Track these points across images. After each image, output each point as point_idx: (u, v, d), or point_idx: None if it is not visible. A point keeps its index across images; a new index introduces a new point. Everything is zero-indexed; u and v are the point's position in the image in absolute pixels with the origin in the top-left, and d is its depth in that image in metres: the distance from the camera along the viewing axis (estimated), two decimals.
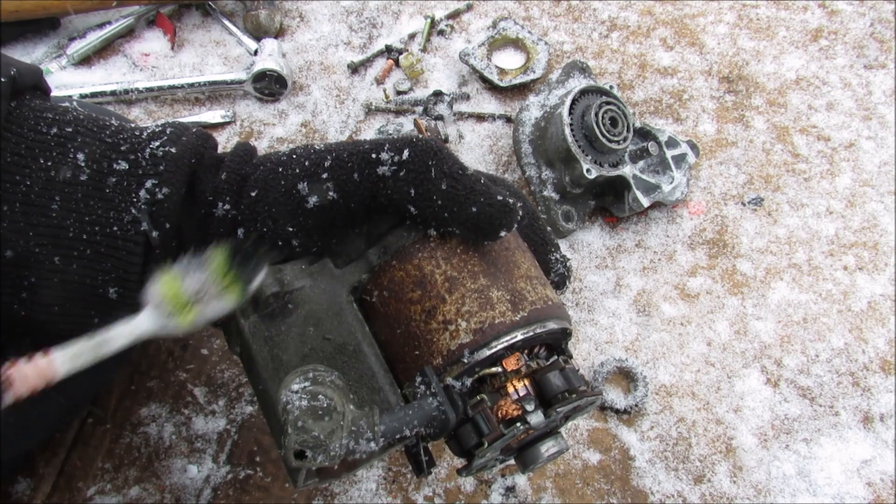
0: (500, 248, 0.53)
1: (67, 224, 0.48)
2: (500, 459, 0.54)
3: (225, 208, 0.51)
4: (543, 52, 1.00)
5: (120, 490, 0.72)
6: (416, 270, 0.51)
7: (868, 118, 1.02)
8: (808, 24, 1.10)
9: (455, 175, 0.49)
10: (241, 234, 0.50)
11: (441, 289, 0.50)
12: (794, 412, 0.82)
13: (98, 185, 0.49)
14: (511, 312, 0.50)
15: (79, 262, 0.48)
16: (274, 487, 0.73)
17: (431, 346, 0.49)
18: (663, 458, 0.78)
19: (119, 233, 0.49)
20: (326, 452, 0.42)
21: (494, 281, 0.51)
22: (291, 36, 1.04)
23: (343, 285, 0.52)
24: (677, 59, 1.05)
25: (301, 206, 0.49)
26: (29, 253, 0.47)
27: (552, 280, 0.59)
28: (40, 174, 0.48)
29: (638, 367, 0.81)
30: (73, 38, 0.99)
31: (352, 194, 0.49)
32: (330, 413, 0.43)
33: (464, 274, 0.50)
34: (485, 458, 0.50)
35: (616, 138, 0.86)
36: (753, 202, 0.95)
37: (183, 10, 1.05)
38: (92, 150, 0.50)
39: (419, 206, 0.49)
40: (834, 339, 0.86)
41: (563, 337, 0.54)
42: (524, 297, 0.51)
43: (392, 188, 0.48)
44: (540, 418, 0.48)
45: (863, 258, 0.92)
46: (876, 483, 0.78)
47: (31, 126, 0.49)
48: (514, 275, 0.52)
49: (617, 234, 0.92)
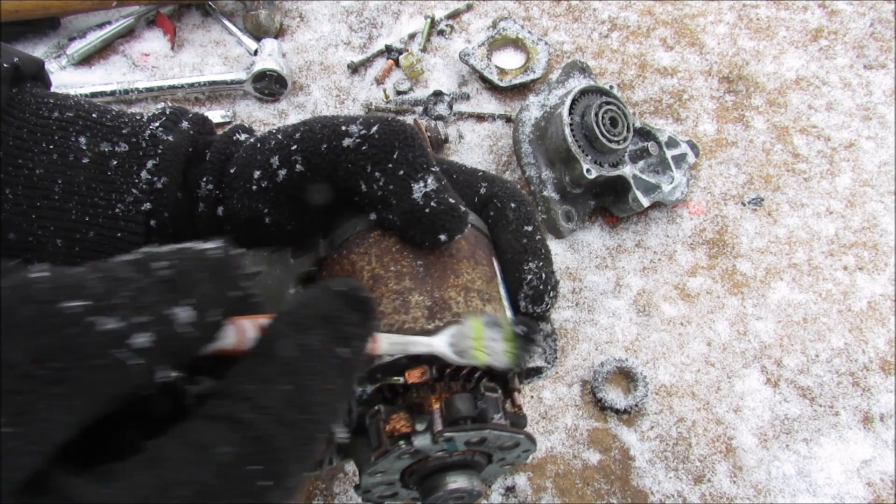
0: (442, 253, 0.49)
1: (69, 206, 0.48)
2: (405, 486, 0.50)
3: (209, 188, 0.51)
4: (543, 52, 1.00)
5: None
6: (349, 265, 0.49)
7: (868, 118, 1.02)
8: (808, 24, 1.10)
9: (416, 165, 0.47)
10: (220, 212, 0.51)
11: (364, 286, 0.47)
12: (794, 412, 0.82)
13: (100, 168, 0.49)
14: (424, 320, 0.46)
15: (81, 244, 0.49)
16: None
17: None
18: (663, 458, 0.78)
19: (121, 214, 0.49)
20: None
21: (419, 285, 0.47)
22: (291, 36, 1.04)
23: (292, 275, 0.51)
24: (677, 59, 1.05)
25: (272, 181, 0.49)
26: (31, 236, 0.48)
27: (524, 293, 0.53)
28: (42, 157, 0.48)
29: (638, 367, 0.81)
30: (73, 38, 0.99)
31: (317, 167, 0.48)
32: None
33: (389, 273, 0.47)
34: (377, 479, 0.48)
35: (616, 138, 0.86)
36: (753, 202, 0.95)
37: (183, 10, 1.04)
38: (93, 134, 0.50)
39: (368, 184, 0.47)
40: (834, 339, 0.86)
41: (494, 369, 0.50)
42: (447, 307, 0.47)
43: (352, 160, 0.47)
44: (427, 441, 0.44)
45: (863, 258, 0.92)
46: (876, 483, 0.78)
47: (32, 111, 0.50)
48: (447, 283, 0.48)
49: (617, 234, 0.92)
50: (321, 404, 0.33)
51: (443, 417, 0.45)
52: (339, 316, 0.36)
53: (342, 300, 0.36)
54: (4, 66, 0.49)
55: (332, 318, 0.35)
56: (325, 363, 0.34)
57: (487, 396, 0.47)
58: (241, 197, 0.50)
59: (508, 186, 0.56)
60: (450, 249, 0.50)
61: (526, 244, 0.54)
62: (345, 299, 0.36)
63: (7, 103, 0.49)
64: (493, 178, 0.56)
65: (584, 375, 0.82)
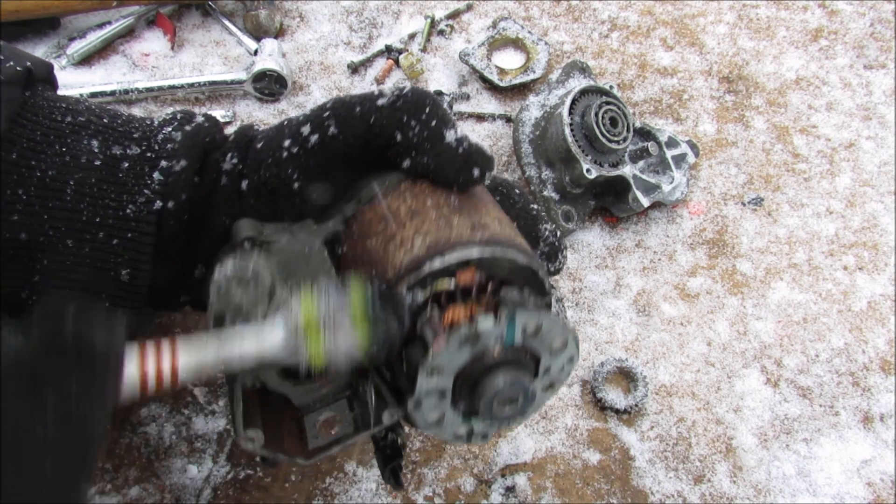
0: (470, 196, 0.52)
1: (81, 208, 0.49)
2: (457, 408, 0.48)
3: (233, 161, 0.53)
4: (543, 52, 1.00)
5: (120, 490, 0.72)
6: (384, 209, 0.51)
7: (868, 118, 1.02)
8: (808, 24, 1.10)
9: (446, 119, 0.51)
10: (244, 185, 0.52)
11: (404, 218, 0.50)
12: (794, 412, 0.82)
13: (112, 170, 0.50)
14: (470, 233, 0.48)
15: (91, 245, 0.49)
16: (274, 487, 0.73)
17: (387, 265, 0.47)
18: (663, 458, 0.78)
19: (132, 214, 0.50)
20: (247, 321, 0.41)
21: (458, 212, 0.50)
22: (291, 36, 1.04)
23: (318, 236, 0.52)
24: (677, 59, 1.05)
25: (303, 147, 0.51)
26: (43, 237, 0.48)
27: (542, 250, 0.59)
28: (55, 159, 0.49)
29: (638, 367, 0.81)
30: (73, 38, 0.99)
31: (350, 126, 0.51)
32: (256, 281, 0.42)
33: (428, 206, 0.50)
34: (433, 383, 0.45)
35: (616, 138, 0.86)
36: (753, 202, 0.95)
37: (183, 10, 1.05)
38: (105, 138, 0.51)
39: (404, 132, 0.51)
40: (834, 339, 0.86)
41: (534, 284, 0.50)
42: (487, 226, 0.49)
43: (386, 115, 0.51)
44: (489, 323, 0.44)
45: (863, 258, 0.92)
46: (876, 483, 0.78)
47: (45, 114, 0.50)
48: (481, 213, 0.51)
49: (617, 234, 0.92)
50: None
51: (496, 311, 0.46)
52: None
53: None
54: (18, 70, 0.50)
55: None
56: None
57: (533, 298, 0.48)
58: (269, 166, 0.52)
59: (511, 180, 0.61)
60: (477, 194, 0.53)
61: (536, 214, 0.60)
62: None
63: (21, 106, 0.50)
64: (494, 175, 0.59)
65: (584, 375, 0.82)
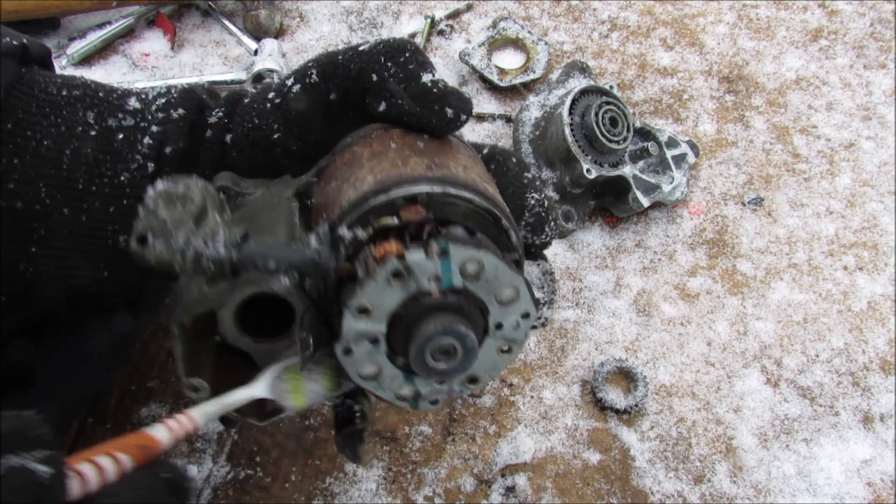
0: (443, 143, 0.50)
1: (77, 177, 0.49)
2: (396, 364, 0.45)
3: (219, 115, 0.53)
4: (543, 52, 1.00)
5: None
6: (349, 155, 0.49)
7: (868, 118, 1.02)
8: (808, 24, 1.10)
9: (425, 63, 0.50)
10: (228, 139, 0.52)
11: (364, 160, 0.48)
12: (794, 412, 0.82)
13: (107, 141, 0.50)
14: (423, 170, 0.45)
15: (87, 213, 0.50)
16: (274, 487, 0.73)
17: (335, 204, 0.46)
18: (663, 458, 0.78)
19: (126, 181, 0.50)
20: (167, 240, 0.39)
21: (420, 154, 0.47)
22: (291, 36, 1.04)
23: (289, 188, 0.51)
24: (677, 59, 1.05)
25: (286, 97, 0.51)
26: (39, 205, 0.49)
27: (526, 220, 0.54)
28: (51, 130, 0.49)
29: (638, 367, 0.81)
30: (73, 38, 0.99)
31: (331, 75, 0.51)
32: (184, 201, 0.40)
33: (391, 150, 0.48)
34: (362, 325, 0.42)
35: (616, 138, 0.86)
36: (753, 202, 0.95)
37: (183, 10, 1.04)
38: (101, 110, 0.51)
39: (380, 73, 0.49)
40: (834, 339, 0.86)
41: (497, 233, 0.46)
42: (446, 166, 0.46)
43: (366, 58, 0.50)
44: (419, 255, 0.40)
45: (863, 258, 0.92)
46: (876, 483, 0.78)
47: (41, 88, 0.51)
48: (447, 156, 0.48)
49: (617, 234, 0.92)
50: None
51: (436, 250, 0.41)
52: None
53: (164, 485, 0.39)
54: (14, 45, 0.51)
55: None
56: None
57: (483, 238, 0.44)
58: (251, 118, 0.51)
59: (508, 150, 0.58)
60: (450, 142, 0.51)
61: (527, 182, 0.56)
62: (166, 484, 0.39)
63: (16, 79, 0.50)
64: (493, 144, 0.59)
65: (584, 375, 0.82)
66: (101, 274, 0.50)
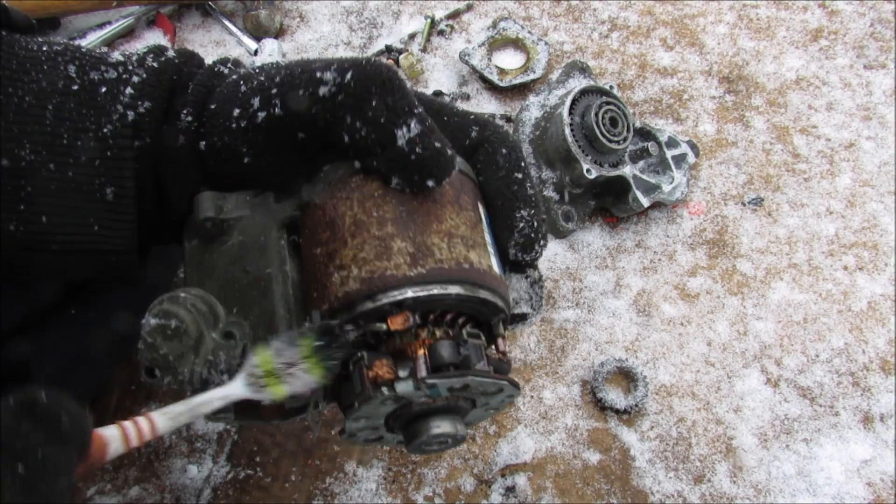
0: (426, 198, 0.48)
1: (61, 132, 0.49)
2: (390, 430, 0.50)
3: (188, 119, 0.51)
4: (543, 52, 1.00)
5: (120, 490, 0.72)
6: (332, 210, 0.48)
7: (868, 118, 1.02)
8: (808, 24, 1.10)
9: (397, 110, 0.45)
10: (202, 146, 0.50)
11: (346, 232, 0.47)
12: (794, 412, 0.82)
13: (90, 94, 0.50)
14: (407, 267, 0.45)
15: (74, 168, 0.49)
16: (274, 487, 0.73)
17: (325, 291, 0.46)
18: (663, 458, 0.78)
19: (109, 133, 0.49)
20: (174, 375, 0.43)
21: (401, 231, 0.46)
22: (291, 36, 1.04)
23: (274, 220, 0.50)
24: (677, 59, 1.05)
25: (252, 122, 0.48)
26: (24, 162, 0.48)
27: (515, 241, 0.53)
28: (32, 86, 0.49)
29: (638, 367, 0.81)
30: (73, 38, 0.99)
31: (295, 113, 0.47)
32: (179, 336, 0.43)
33: (372, 219, 0.47)
34: (361, 424, 0.48)
35: (616, 138, 0.86)
36: (753, 202, 0.95)
37: (183, 10, 1.05)
38: (82, 63, 0.51)
39: (350, 135, 0.46)
40: (834, 339, 0.86)
41: (485, 308, 0.48)
42: (430, 253, 0.46)
43: (330, 111, 0.46)
44: (408, 387, 0.44)
45: (863, 258, 0.92)
46: (876, 483, 0.78)
47: (21, 45, 0.50)
48: (429, 229, 0.47)
49: (617, 234, 0.92)
50: None
51: (426, 364, 0.45)
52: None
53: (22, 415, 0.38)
54: None
55: None
56: None
57: (471, 343, 0.47)
58: (220, 134, 0.50)
59: (501, 131, 0.54)
60: (434, 195, 0.49)
61: (517, 191, 0.52)
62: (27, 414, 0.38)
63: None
64: (485, 122, 0.54)
65: (584, 375, 0.82)
66: (92, 229, 0.49)
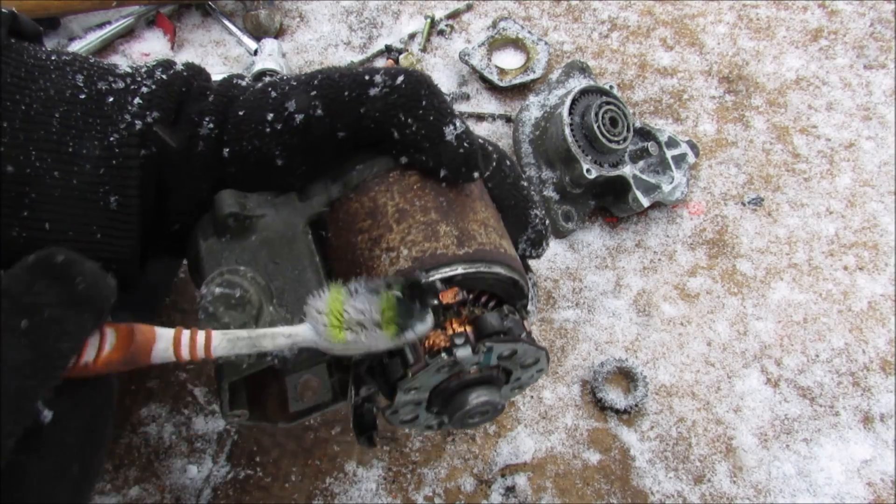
0: (459, 192, 0.52)
1: (67, 140, 0.49)
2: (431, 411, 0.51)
3: (209, 126, 0.51)
4: (543, 52, 1.00)
5: (120, 490, 0.72)
6: (371, 202, 0.50)
7: (868, 118, 1.02)
8: (808, 24, 1.10)
9: (444, 111, 0.50)
10: (226, 153, 0.51)
11: (390, 219, 0.49)
12: (794, 412, 0.82)
13: (97, 103, 0.50)
14: (455, 246, 0.48)
15: (78, 176, 0.49)
16: (274, 487, 0.73)
17: (371, 273, 0.48)
18: (663, 458, 0.78)
19: (115, 142, 0.50)
20: None
21: (445, 217, 0.49)
22: (291, 36, 1.04)
23: (302, 216, 0.51)
24: (677, 59, 1.05)
25: (287, 124, 0.50)
26: (29, 168, 0.48)
27: (528, 236, 0.58)
28: (40, 94, 0.49)
29: (638, 367, 0.81)
30: (73, 38, 0.99)
31: (339, 113, 0.50)
32: (243, 304, 0.42)
33: (415, 207, 0.49)
34: (410, 396, 0.48)
35: (616, 138, 0.86)
36: (753, 202, 0.95)
37: (183, 10, 1.04)
38: (90, 73, 0.51)
39: (402, 131, 0.49)
40: (834, 339, 0.86)
41: (515, 291, 0.52)
42: (473, 237, 0.49)
43: (381, 110, 0.49)
44: (467, 352, 0.46)
45: (863, 258, 0.92)
46: (876, 483, 0.78)
47: (30, 54, 0.51)
48: (468, 217, 0.51)
49: (617, 234, 0.92)
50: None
51: (475, 335, 0.47)
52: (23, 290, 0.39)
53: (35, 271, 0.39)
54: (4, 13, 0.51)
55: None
56: None
57: (511, 318, 0.49)
58: (250, 139, 0.50)
59: (500, 148, 0.59)
60: (465, 189, 0.53)
61: (527, 195, 0.58)
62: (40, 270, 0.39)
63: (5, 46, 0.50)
64: (485, 138, 0.58)
65: (584, 375, 0.82)
66: (94, 237, 0.50)
